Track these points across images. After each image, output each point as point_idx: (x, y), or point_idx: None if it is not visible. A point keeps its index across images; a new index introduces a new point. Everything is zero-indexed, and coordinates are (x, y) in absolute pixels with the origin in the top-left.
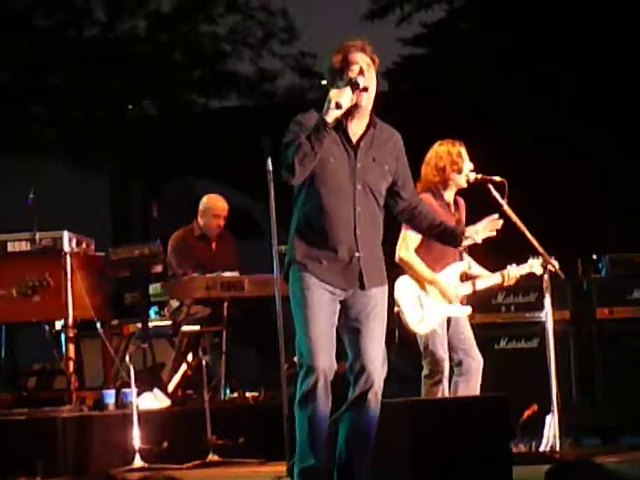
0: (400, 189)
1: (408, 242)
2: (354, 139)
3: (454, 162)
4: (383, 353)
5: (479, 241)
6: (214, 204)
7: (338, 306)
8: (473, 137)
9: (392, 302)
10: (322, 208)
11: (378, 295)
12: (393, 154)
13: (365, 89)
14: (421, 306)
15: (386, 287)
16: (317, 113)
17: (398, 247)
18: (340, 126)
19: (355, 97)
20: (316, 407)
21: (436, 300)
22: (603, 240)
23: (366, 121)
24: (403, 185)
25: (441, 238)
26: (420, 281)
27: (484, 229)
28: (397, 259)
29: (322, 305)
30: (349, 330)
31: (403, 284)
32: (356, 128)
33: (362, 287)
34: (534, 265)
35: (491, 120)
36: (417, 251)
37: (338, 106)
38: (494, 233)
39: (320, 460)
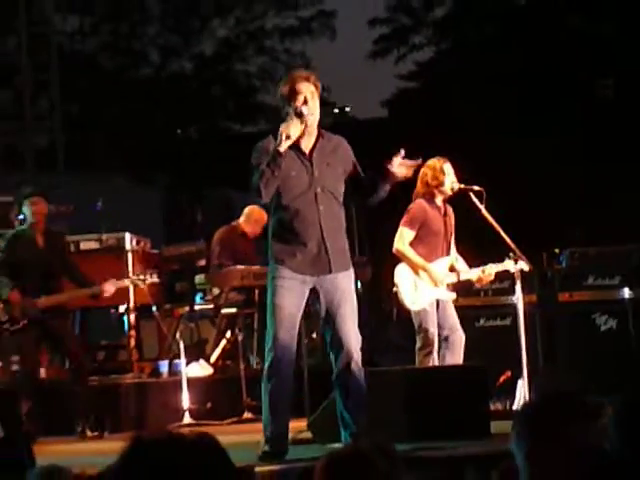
0: (358, 176)
1: (404, 237)
2: (307, 152)
3: (435, 177)
4: (355, 328)
5: (399, 173)
6: (260, 215)
7: (307, 293)
8: (457, 154)
9: (392, 284)
10: (291, 212)
11: (345, 281)
12: (346, 157)
13: (311, 113)
14: (415, 288)
15: (351, 272)
16: (273, 138)
17: (395, 241)
18: (294, 145)
19: (302, 125)
20: (278, 380)
21: (427, 284)
22: (563, 237)
23: (314, 137)
24: (361, 174)
25: (378, 183)
26: (414, 268)
27: (398, 163)
28: (394, 251)
29: (291, 296)
30: (325, 314)
31: (401, 270)
32: (307, 142)
33: (330, 271)
34: (508, 265)
35: (472, 138)
36: (411, 245)
37: (288, 137)
38: (410, 173)
39: (282, 425)
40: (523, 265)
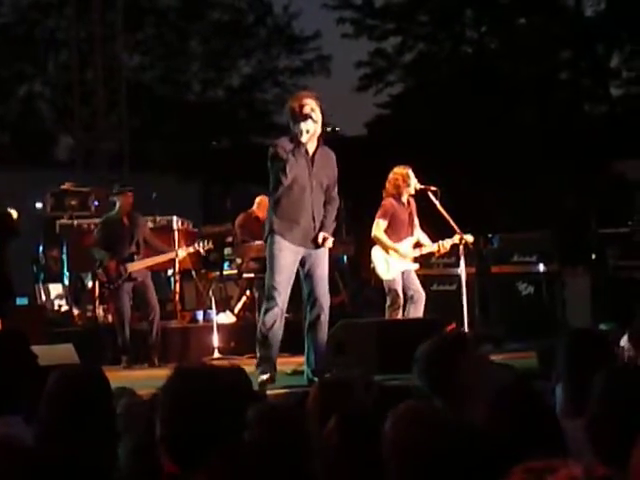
0: (330, 188)
1: (379, 226)
2: (310, 154)
3: (403, 180)
4: (326, 289)
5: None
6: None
7: (298, 262)
8: (420, 163)
9: (370, 261)
10: (292, 195)
11: (323, 252)
12: (333, 165)
13: (316, 120)
14: (387, 263)
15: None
16: (286, 139)
17: (373, 229)
18: (304, 147)
19: (314, 125)
20: (275, 326)
21: (396, 260)
22: (495, 225)
23: (315, 144)
24: (333, 186)
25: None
26: (386, 249)
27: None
28: (372, 236)
29: (287, 261)
30: (305, 277)
31: (375, 252)
32: (310, 148)
33: (317, 246)
34: (456, 240)
35: (431, 152)
36: (384, 231)
37: (307, 131)
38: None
39: (274, 356)
40: (468, 238)
